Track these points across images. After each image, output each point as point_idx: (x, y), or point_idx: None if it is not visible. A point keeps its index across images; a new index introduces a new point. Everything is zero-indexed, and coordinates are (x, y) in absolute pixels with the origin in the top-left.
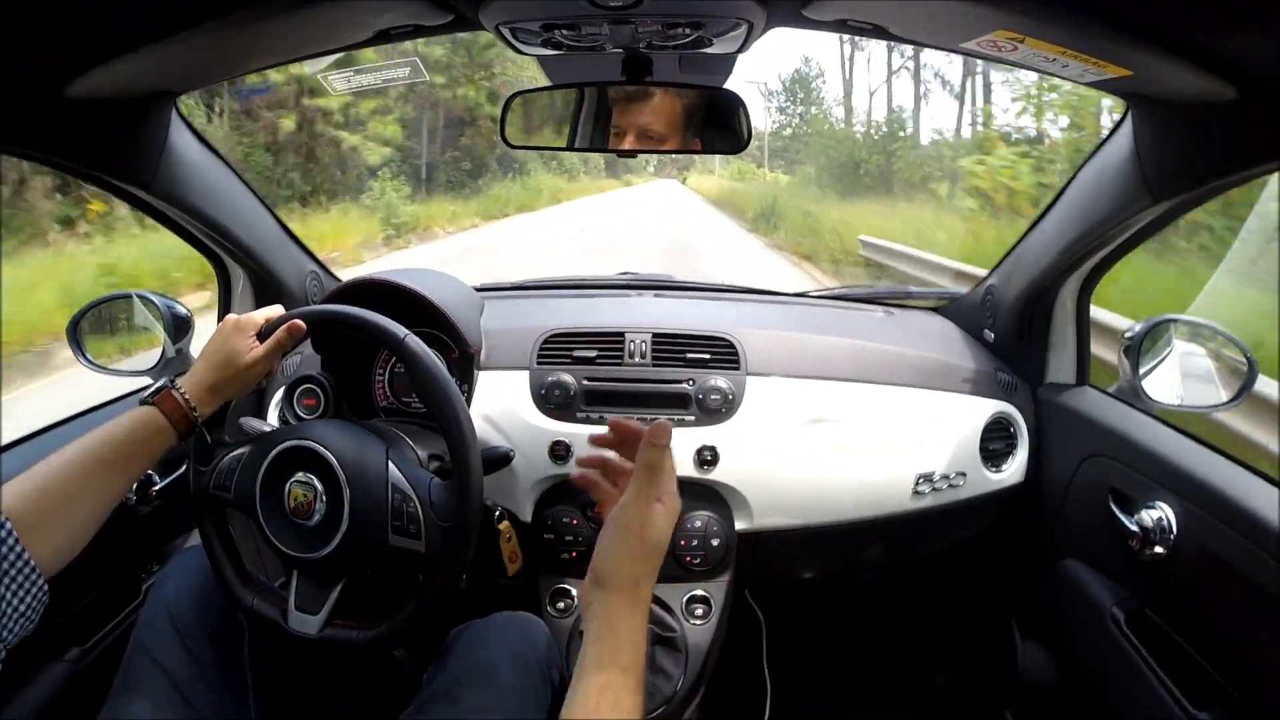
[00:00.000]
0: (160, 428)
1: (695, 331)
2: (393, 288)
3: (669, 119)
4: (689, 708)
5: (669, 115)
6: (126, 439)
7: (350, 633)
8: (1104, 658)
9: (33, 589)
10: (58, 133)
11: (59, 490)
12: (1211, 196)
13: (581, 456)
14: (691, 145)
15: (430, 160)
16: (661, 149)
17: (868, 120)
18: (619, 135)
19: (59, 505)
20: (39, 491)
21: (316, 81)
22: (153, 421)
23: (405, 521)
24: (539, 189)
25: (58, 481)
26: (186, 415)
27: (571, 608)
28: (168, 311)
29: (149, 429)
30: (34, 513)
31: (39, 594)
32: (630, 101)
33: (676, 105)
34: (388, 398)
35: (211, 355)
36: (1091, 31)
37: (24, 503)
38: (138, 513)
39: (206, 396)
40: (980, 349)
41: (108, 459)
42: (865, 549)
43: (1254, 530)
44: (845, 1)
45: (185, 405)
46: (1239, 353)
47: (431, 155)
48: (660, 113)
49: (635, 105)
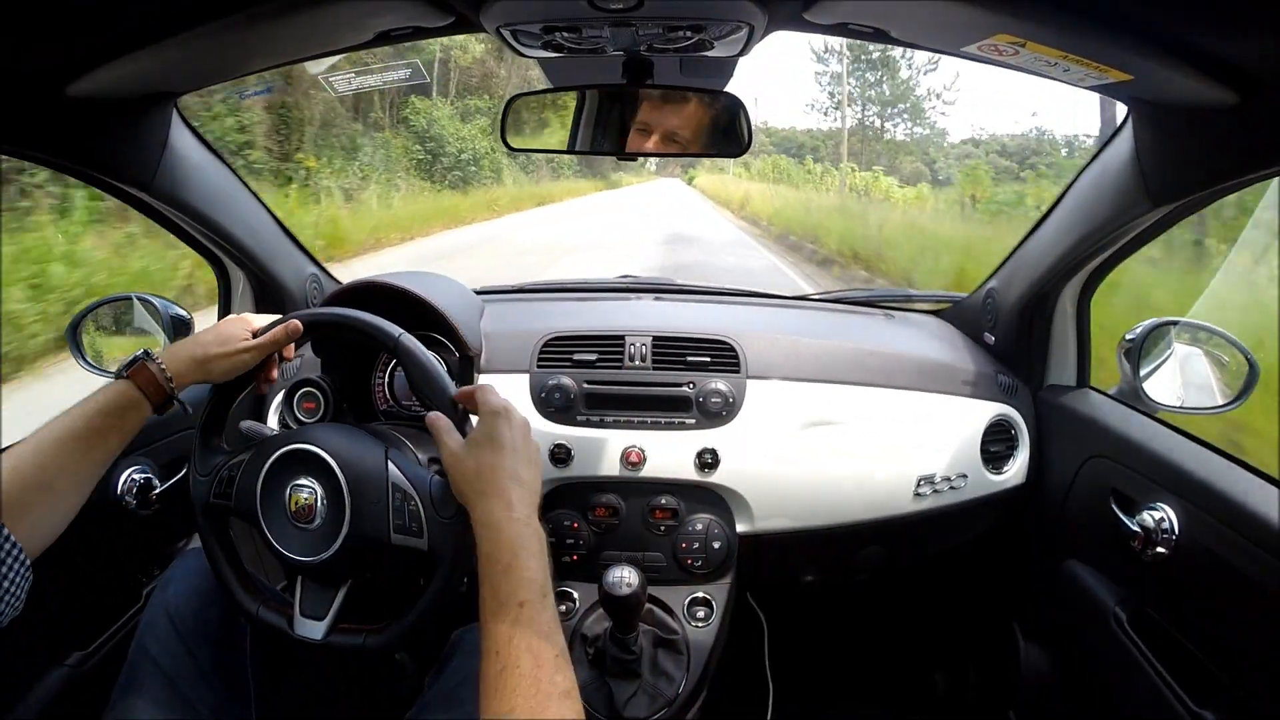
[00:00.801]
0: (134, 400)
1: (695, 334)
2: (393, 290)
3: (696, 126)
4: (691, 709)
5: (698, 121)
6: (98, 413)
7: (355, 637)
8: (1106, 658)
9: (17, 566)
10: (58, 133)
11: (33, 471)
12: (1211, 201)
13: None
14: (704, 148)
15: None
16: (681, 152)
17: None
18: (643, 133)
19: (34, 484)
20: (13, 471)
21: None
22: (127, 396)
23: (407, 520)
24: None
25: (29, 460)
26: (162, 386)
27: (573, 610)
28: (166, 313)
29: (122, 402)
30: (11, 492)
31: (24, 571)
32: (664, 102)
33: (706, 114)
34: (388, 401)
35: (203, 334)
36: (1092, 36)
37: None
38: (138, 516)
39: (185, 368)
40: (981, 352)
41: (83, 436)
42: (866, 551)
43: (1255, 530)
44: (847, 2)
45: (160, 375)
46: (1239, 355)
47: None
48: (691, 118)
49: (668, 108)
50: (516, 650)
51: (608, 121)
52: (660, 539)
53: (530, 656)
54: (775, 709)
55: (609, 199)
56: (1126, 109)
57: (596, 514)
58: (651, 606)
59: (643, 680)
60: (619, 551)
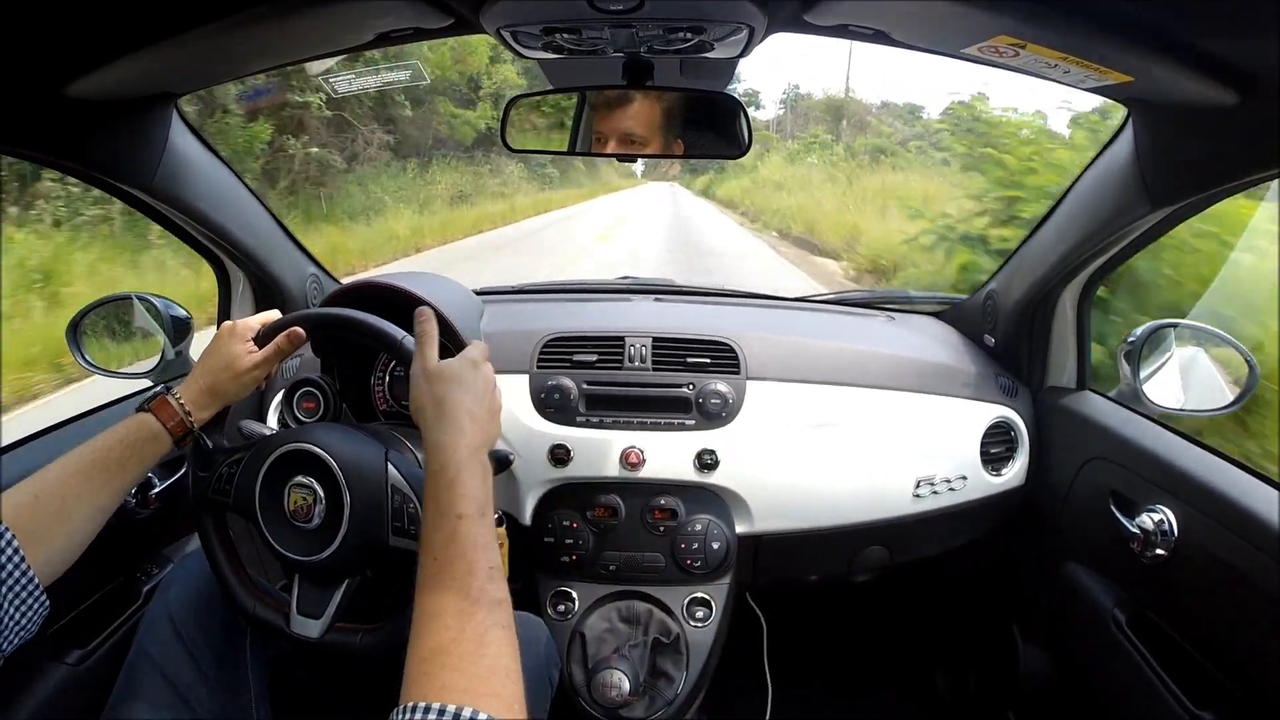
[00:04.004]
0: (155, 434)
1: (695, 336)
2: (392, 291)
3: (648, 122)
4: (691, 709)
5: (648, 118)
6: (121, 445)
7: (353, 636)
8: (1106, 660)
9: (33, 603)
10: (58, 133)
11: (54, 497)
12: (1212, 202)
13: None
14: (674, 148)
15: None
16: (644, 153)
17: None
18: (600, 141)
19: (54, 512)
20: (33, 498)
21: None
22: (148, 428)
23: (405, 522)
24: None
25: (52, 489)
26: (182, 421)
27: (571, 610)
28: (167, 313)
29: (144, 435)
30: (29, 521)
31: (39, 607)
32: (611, 107)
33: (656, 108)
34: (387, 401)
35: (208, 360)
36: (1093, 37)
37: (19, 511)
38: (137, 515)
39: (203, 401)
40: (981, 354)
41: (101, 465)
42: (866, 552)
43: (1254, 532)
44: (847, 4)
45: (181, 411)
46: (1239, 357)
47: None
48: (639, 116)
49: (616, 110)
50: (450, 556)
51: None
52: (659, 539)
53: (464, 563)
54: (774, 709)
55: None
56: (1127, 110)
57: (596, 514)
58: (651, 607)
59: (643, 681)
60: (618, 552)
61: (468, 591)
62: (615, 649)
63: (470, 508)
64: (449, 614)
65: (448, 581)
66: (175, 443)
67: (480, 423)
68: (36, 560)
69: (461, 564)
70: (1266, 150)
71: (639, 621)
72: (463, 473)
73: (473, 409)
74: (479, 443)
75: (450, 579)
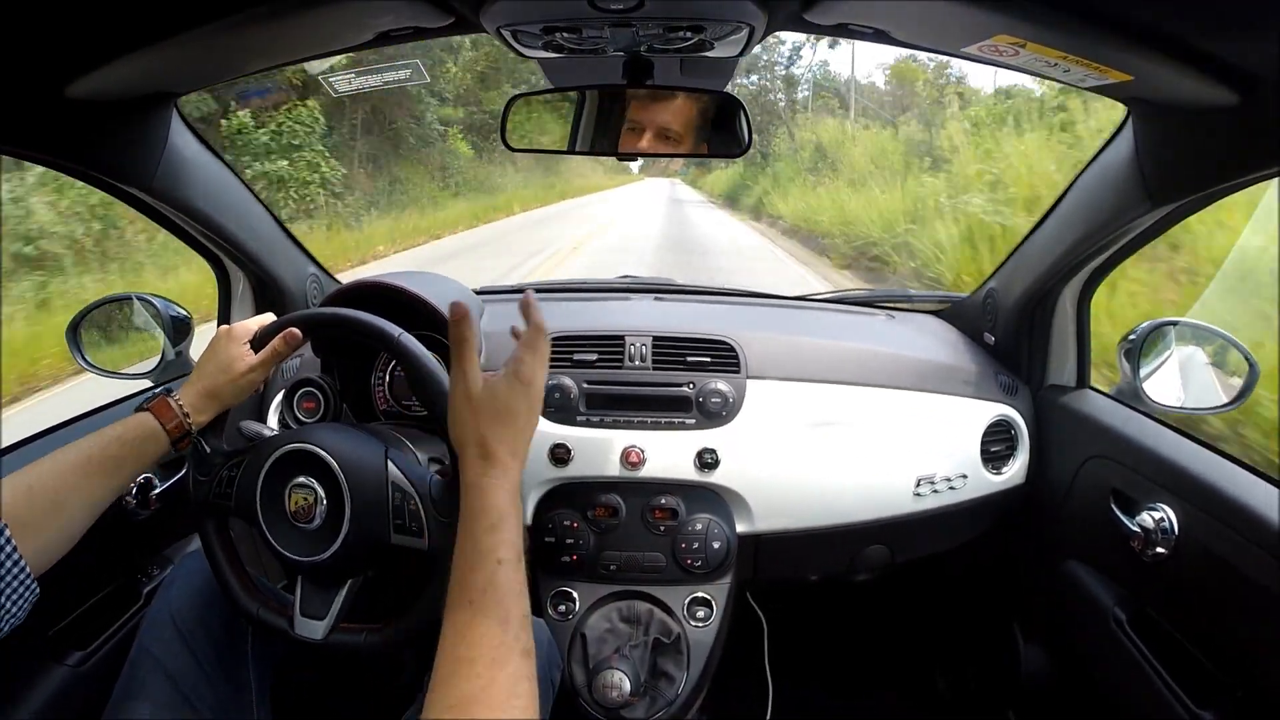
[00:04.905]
0: (154, 434)
1: (695, 335)
2: (392, 290)
3: (686, 120)
4: (691, 709)
5: (687, 117)
6: (118, 443)
7: (356, 637)
8: (1106, 658)
9: (23, 590)
10: (58, 133)
11: (48, 490)
12: (1211, 201)
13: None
14: (700, 149)
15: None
16: (676, 152)
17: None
18: (635, 132)
19: (48, 505)
20: (27, 489)
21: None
22: (147, 428)
23: (407, 520)
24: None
25: (47, 481)
26: (181, 423)
27: (572, 610)
28: (167, 313)
29: (142, 435)
30: (23, 511)
31: (29, 595)
32: (652, 100)
33: (693, 108)
34: (387, 401)
35: (206, 364)
36: (1093, 36)
37: (13, 501)
38: (138, 516)
39: (202, 404)
40: (981, 352)
41: (98, 461)
42: (866, 551)
43: (1255, 530)
44: (847, 3)
45: (180, 413)
46: (1239, 355)
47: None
48: (680, 113)
49: (657, 104)
50: (487, 603)
51: (612, 122)
52: (660, 539)
53: (501, 611)
54: (775, 709)
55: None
56: (1127, 109)
57: (596, 514)
58: (651, 606)
59: (644, 681)
60: (619, 551)
61: (503, 640)
62: (616, 649)
63: (510, 553)
64: (481, 662)
65: (481, 628)
66: (173, 444)
67: (521, 458)
68: (28, 551)
69: (499, 611)
70: (1266, 149)
71: (640, 621)
72: (507, 518)
73: (516, 446)
74: (518, 479)
75: (485, 626)
